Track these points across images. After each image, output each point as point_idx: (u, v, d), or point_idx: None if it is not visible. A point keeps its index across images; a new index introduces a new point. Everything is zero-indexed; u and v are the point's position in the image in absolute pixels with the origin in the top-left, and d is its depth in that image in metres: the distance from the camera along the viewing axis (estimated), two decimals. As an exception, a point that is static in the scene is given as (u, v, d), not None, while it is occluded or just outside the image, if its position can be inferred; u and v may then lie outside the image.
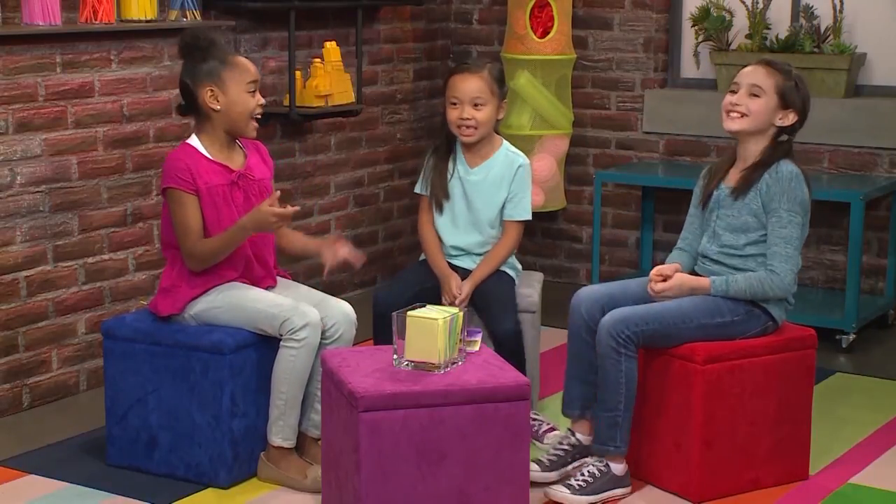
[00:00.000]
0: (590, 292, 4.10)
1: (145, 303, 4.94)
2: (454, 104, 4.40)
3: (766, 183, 3.97)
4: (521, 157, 4.52)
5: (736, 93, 4.05)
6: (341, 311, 4.12)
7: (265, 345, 4.05)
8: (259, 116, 4.10)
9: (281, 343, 3.97)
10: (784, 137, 4.04)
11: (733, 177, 4.08)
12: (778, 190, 3.94)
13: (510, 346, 4.22)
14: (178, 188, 3.99)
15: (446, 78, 4.49)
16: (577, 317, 4.07)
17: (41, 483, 4.08)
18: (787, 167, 3.97)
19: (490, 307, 4.33)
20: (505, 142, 4.54)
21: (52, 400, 4.82)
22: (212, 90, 4.01)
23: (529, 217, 4.56)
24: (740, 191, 4.01)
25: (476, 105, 4.38)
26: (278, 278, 4.24)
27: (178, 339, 4.05)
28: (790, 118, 4.02)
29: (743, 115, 4.02)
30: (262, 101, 4.11)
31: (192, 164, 4.01)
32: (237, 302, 4.02)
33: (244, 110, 4.04)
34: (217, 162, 4.06)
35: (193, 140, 4.08)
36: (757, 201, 3.98)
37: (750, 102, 4.02)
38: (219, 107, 4.02)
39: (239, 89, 4.03)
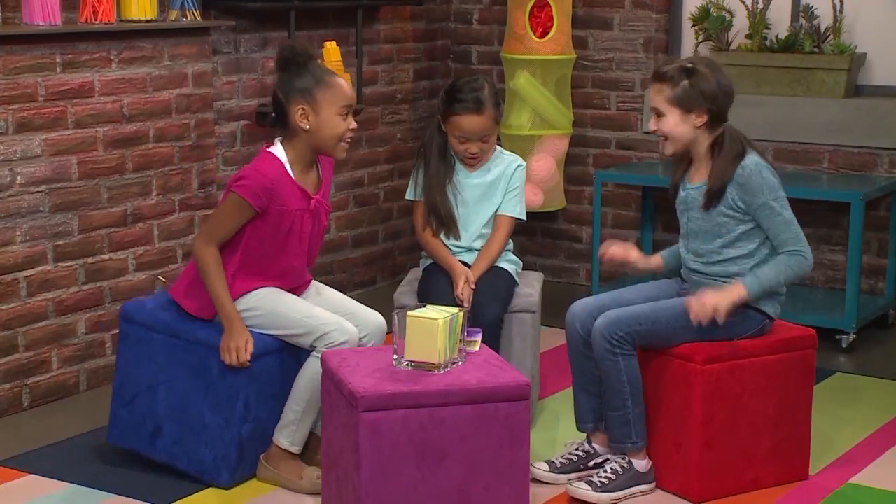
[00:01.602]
0: (582, 306, 4.08)
1: (164, 282, 4.93)
2: (462, 140, 4.43)
3: (736, 186, 3.91)
4: (518, 158, 4.58)
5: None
6: (374, 322, 4.08)
7: (286, 353, 4.02)
8: (350, 139, 4.02)
9: (313, 354, 3.94)
10: (718, 129, 3.95)
11: (696, 176, 4.02)
12: (753, 186, 3.89)
13: (486, 336, 4.22)
14: (247, 199, 3.91)
15: (447, 111, 4.42)
16: (573, 331, 4.06)
17: (41, 483, 4.08)
18: (749, 163, 3.90)
19: (478, 296, 4.34)
20: (497, 146, 4.57)
21: (52, 400, 4.82)
22: (303, 109, 3.93)
23: (523, 217, 4.57)
24: (710, 203, 3.96)
25: (484, 140, 4.44)
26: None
27: (200, 336, 4.01)
28: (703, 117, 3.94)
29: (666, 137, 3.99)
30: (354, 125, 4.00)
31: (277, 184, 3.92)
32: (277, 308, 3.98)
33: (333, 133, 3.96)
34: (299, 185, 3.99)
35: (279, 152, 3.98)
36: (727, 201, 3.93)
37: (661, 124, 3.99)
38: (308, 126, 3.94)
39: (331, 111, 3.94)
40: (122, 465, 4.19)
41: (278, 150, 4.00)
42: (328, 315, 3.98)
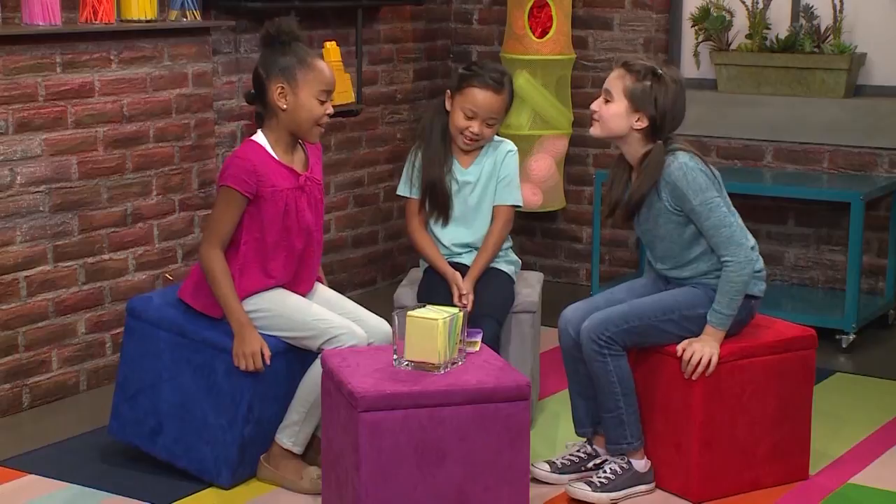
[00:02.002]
0: (574, 310, 4.07)
1: (171, 279, 4.91)
2: (469, 116, 4.39)
3: (665, 191, 3.90)
4: (508, 143, 4.53)
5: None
6: (382, 331, 4.05)
7: (291, 355, 4.01)
8: (325, 124, 4.00)
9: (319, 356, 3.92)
10: (651, 144, 3.93)
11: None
12: (679, 193, 3.87)
13: None
14: (235, 188, 3.90)
15: (464, 80, 4.41)
16: (566, 337, 4.05)
17: (41, 483, 4.08)
18: (672, 166, 3.87)
19: (476, 308, 4.30)
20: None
21: (52, 400, 4.82)
22: (282, 88, 3.92)
23: (520, 203, 4.53)
24: (627, 218, 3.95)
25: (489, 124, 4.40)
26: (316, 283, 4.19)
27: (206, 336, 4.00)
28: (643, 122, 3.91)
29: (598, 120, 3.97)
30: (331, 110, 4.00)
31: (261, 166, 3.92)
32: (285, 311, 3.97)
33: (309, 116, 3.95)
34: (284, 164, 3.98)
35: (260, 138, 3.99)
36: (667, 206, 3.92)
37: (603, 108, 3.96)
38: (286, 106, 3.93)
39: (310, 94, 3.93)
40: (122, 465, 4.19)
41: (259, 136, 4.00)
42: (337, 318, 3.97)
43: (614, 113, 3.94)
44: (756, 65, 6.00)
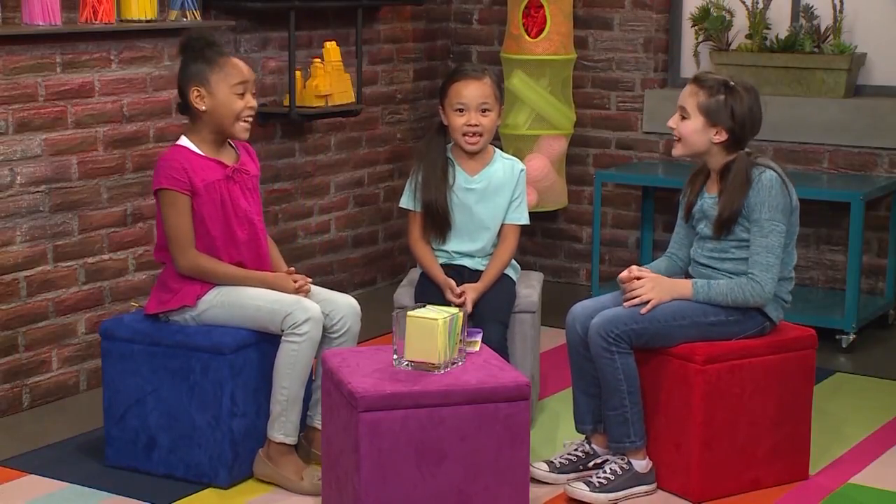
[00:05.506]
0: (583, 307, 4.08)
1: (137, 305, 4.93)
2: (460, 111, 4.39)
3: (748, 195, 3.93)
4: (519, 163, 4.55)
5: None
6: (347, 304, 4.12)
7: (265, 344, 4.05)
8: (249, 118, 4.06)
9: (283, 338, 3.97)
10: (734, 153, 3.96)
11: (713, 187, 4.04)
12: (758, 200, 3.90)
13: None
14: (171, 188, 3.99)
15: (445, 85, 4.46)
16: (573, 333, 4.06)
17: (41, 483, 4.08)
18: (766, 176, 3.92)
19: (481, 314, 4.30)
20: (496, 149, 4.55)
21: (52, 400, 4.82)
22: (198, 91, 4.00)
23: (528, 222, 4.56)
24: (720, 231, 3.96)
25: (483, 111, 4.40)
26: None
27: (178, 339, 4.04)
28: (722, 135, 3.95)
29: (679, 139, 4.01)
30: (253, 103, 4.06)
31: (186, 162, 4.00)
32: (237, 301, 4.02)
33: (230, 112, 4.01)
34: (210, 158, 4.06)
35: (184, 140, 4.07)
36: (742, 209, 3.94)
37: (681, 125, 4.00)
38: (205, 107, 4.01)
39: (226, 91, 4.00)
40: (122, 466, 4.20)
41: (182, 140, 4.09)
42: (287, 297, 4.02)
43: (692, 129, 3.97)
44: (756, 65, 6.00)
